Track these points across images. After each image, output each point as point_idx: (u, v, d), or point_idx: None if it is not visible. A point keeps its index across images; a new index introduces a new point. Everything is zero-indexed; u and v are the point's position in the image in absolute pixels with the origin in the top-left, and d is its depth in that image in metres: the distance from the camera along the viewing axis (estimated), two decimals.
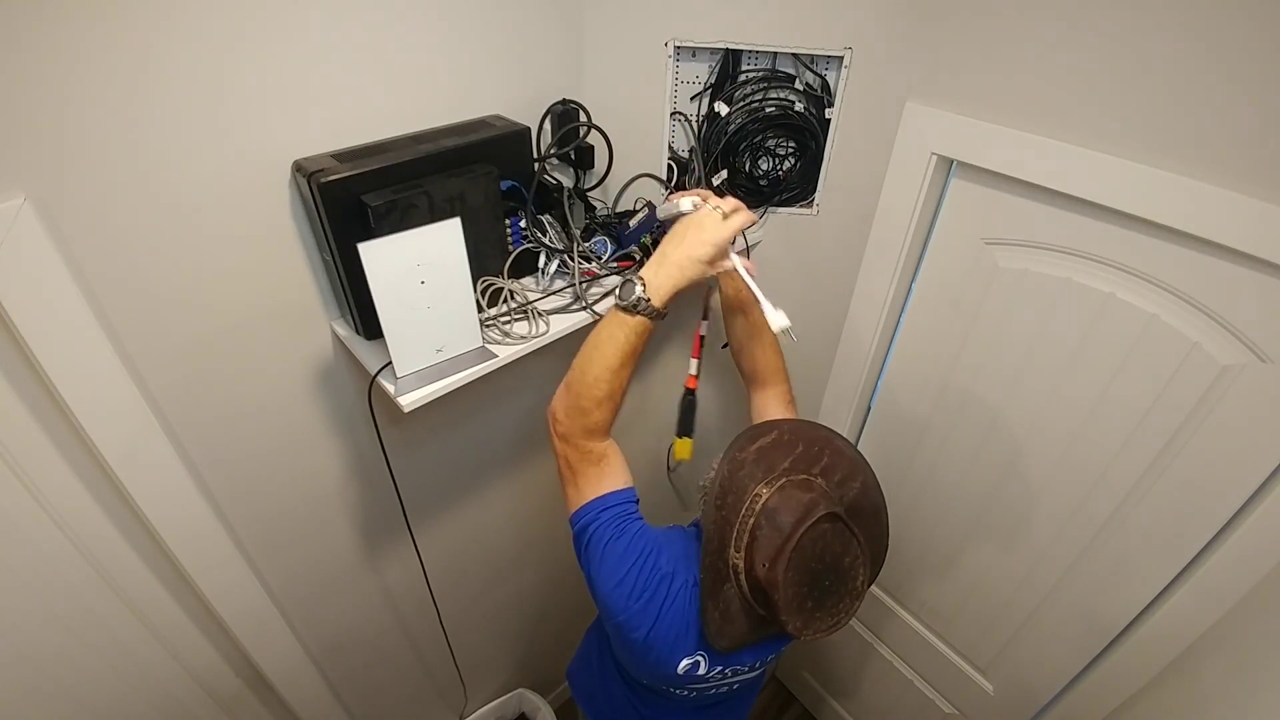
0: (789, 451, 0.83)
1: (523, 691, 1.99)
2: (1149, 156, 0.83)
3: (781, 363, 1.08)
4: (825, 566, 0.74)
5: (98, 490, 0.89)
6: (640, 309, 0.81)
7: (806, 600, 0.74)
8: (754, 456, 0.82)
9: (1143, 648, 1.15)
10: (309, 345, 1.00)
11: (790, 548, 0.73)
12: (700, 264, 0.83)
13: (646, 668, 0.90)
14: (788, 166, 1.19)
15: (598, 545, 0.84)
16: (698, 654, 0.87)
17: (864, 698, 1.98)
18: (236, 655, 1.22)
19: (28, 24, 0.62)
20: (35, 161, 0.67)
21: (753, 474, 0.81)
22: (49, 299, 0.72)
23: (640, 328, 0.82)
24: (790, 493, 0.78)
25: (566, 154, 1.07)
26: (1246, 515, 0.94)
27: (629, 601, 0.83)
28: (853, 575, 0.76)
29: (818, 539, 0.74)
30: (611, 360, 0.83)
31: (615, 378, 0.83)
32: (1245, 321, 0.86)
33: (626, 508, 0.87)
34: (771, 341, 1.06)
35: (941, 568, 1.46)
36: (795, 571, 0.73)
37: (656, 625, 0.84)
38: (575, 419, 0.85)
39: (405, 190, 0.83)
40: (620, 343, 0.82)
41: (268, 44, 0.76)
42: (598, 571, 0.84)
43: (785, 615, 0.74)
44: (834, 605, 0.76)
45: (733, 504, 0.80)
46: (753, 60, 1.10)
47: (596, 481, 0.87)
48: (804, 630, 0.75)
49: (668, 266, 0.82)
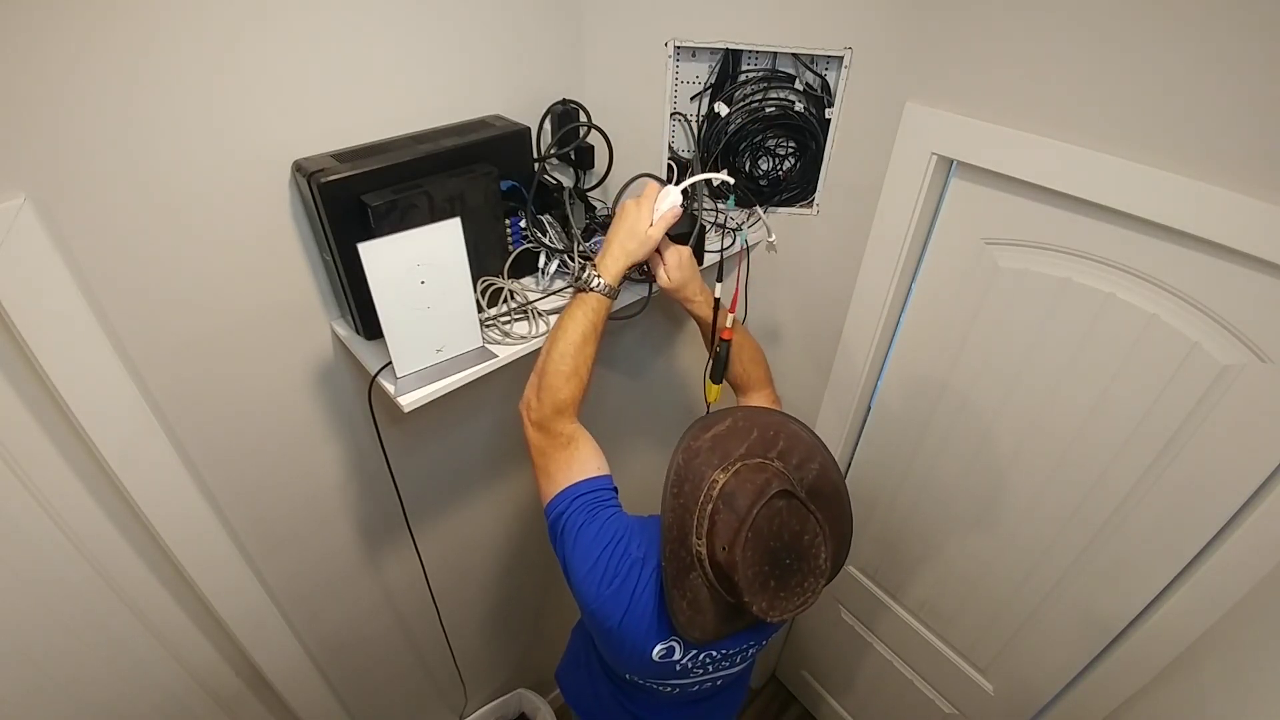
0: (744, 438, 0.83)
1: (523, 691, 1.99)
2: (1149, 156, 0.83)
3: (763, 373, 1.13)
4: (784, 544, 0.74)
5: (98, 490, 0.89)
6: (596, 287, 0.90)
7: (769, 580, 0.74)
8: (709, 444, 0.83)
9: (1143, 648, 1.15)
10: (309, 345, 1.00)
11: (746, 527, 0.73)
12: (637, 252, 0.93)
13: (623, 657, 0.90)
14: (788, 166, 1.19)
15: (571, 531, 0.85)
16: (671, 639, 0.88)
17: (864, 697, 1.98)
18: (236, 655, 1.22)
19: (27, 24, 0.62)
20: (35, 161, 0.68)
21: (709, 461, 0.81)
22: (49, 299, 0.72)
23: (598, 304, 0.91)
24: (746, 476, 0.78)
25: (566, 154, 1.07)
26: (1246, 515, 0.94)
27: (601, 588, 0.84)
28: (814, 553, 0.76)
29: (773, 517, 0.74)
30: (575, 336, 0.89)
31: (580, 353, 0.89)
32: (1245, 321, 0.86)
33: (600, 495, 0.87)
34: (750, 356, 1.10)
35: (942, 567, 1.46)
36: (753, 551, 0.73)
37: (629, 611, 0.84)
38: (546, 398, 0.88)
39: (405, 190, 0.83)
40: (580, 320, 0.89)
41: (268, 44, 0.76)
42: (571, 557, 0.85)
43: (749, 596, 0.73)
44: (798, 584, 0.75)
45: (690, 492, 0.80)
46: (753, 60, 1.10)
47: (567, 468, 0.88)
48: (770, 611, 0.74)
49: (612, 251, 0.92)
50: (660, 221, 0.92)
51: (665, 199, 0.93)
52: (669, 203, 0.93)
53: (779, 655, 2.24)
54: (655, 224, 0.92)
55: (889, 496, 1.49)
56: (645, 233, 0.92)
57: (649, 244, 0.92)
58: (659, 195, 0.93)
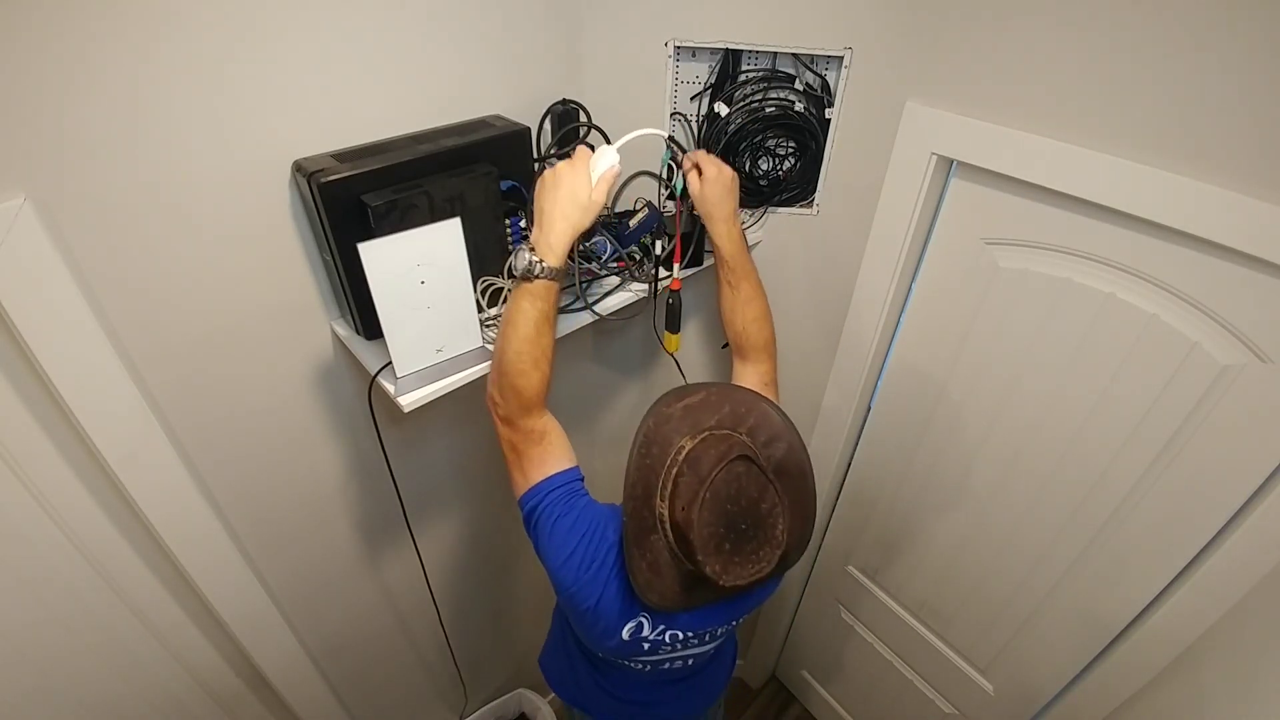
0: (716, 410, 0.83)
1: (523, 691, 1.99)
2: (1149, 156, 0.83)
3: (767, 339, 1.05)
4: (741, 509, 0.75)
5: (98, 490, 0.89)
6: (540, 273, 0.82)
7: (724, 543, 0.74)
8: (680, 413, 0.83)
9: (1143, 648, 1.15)
10: (309, 345, 1.00)
11: (705, 488, 0.73)
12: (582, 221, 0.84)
13: (596, 634, 0.92)
14: (788, 166, 1.19)
15: (546, 523, 0.87)
16: (640, 615, 0.90)
17: (863, 697, 1.98)
18: (236, 655, 1.22)
19: (28, 24, 0.62)
20: (35, 161, 0.67)
21: (679, 428, 0.82)
22: (49, 299, 0.72)
23: (545, 291, 0.84)
24: (711, 443, 0.78)
25: (566, 154, 1.06)
26: (1246, 515, 0.94)
27: (579, 573, 0.86)
28: (771, 523, 0.76)
29: (731, 480, 0.75)
30: (527, 330, 0.84)
31: (535, 346, 0.84)
32: (1245, 321, 0.86)
33: (572, 486, 0.89)
34: (755, 314, 1.04)
35: (942, 567, 1.46)
36: (710, 512, 0.74)
37: (605, 592, 0.86)
38: (510, 397, 0.86)
39: (405, 190, 0.83)
40: (529, 313, 0.83)
41: (268, 44, 0.76)
42: (547, 547, 0.87)
43: (702, 556, 0.74)
44: (753, 551, 0.75)
45: (658, 454, 0.80)
46: (753, 60, 1.10)
47: (540, 463, 0.89)
48: (724, 574, 0.74)
49: (552, 225, 0.83)
50: (601, 183, 0.84)
51: (603, 158, 0.85)
52: (606, 162, 0.84)
53: (779, 655, 2.24)
54: (596, 185, 0.84)
55: (889, 496, 1.49)
56: (589, 198, 0.84)
57: (594, 210, 0.84)
58: (595, 155, 0.86)
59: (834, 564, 1.78)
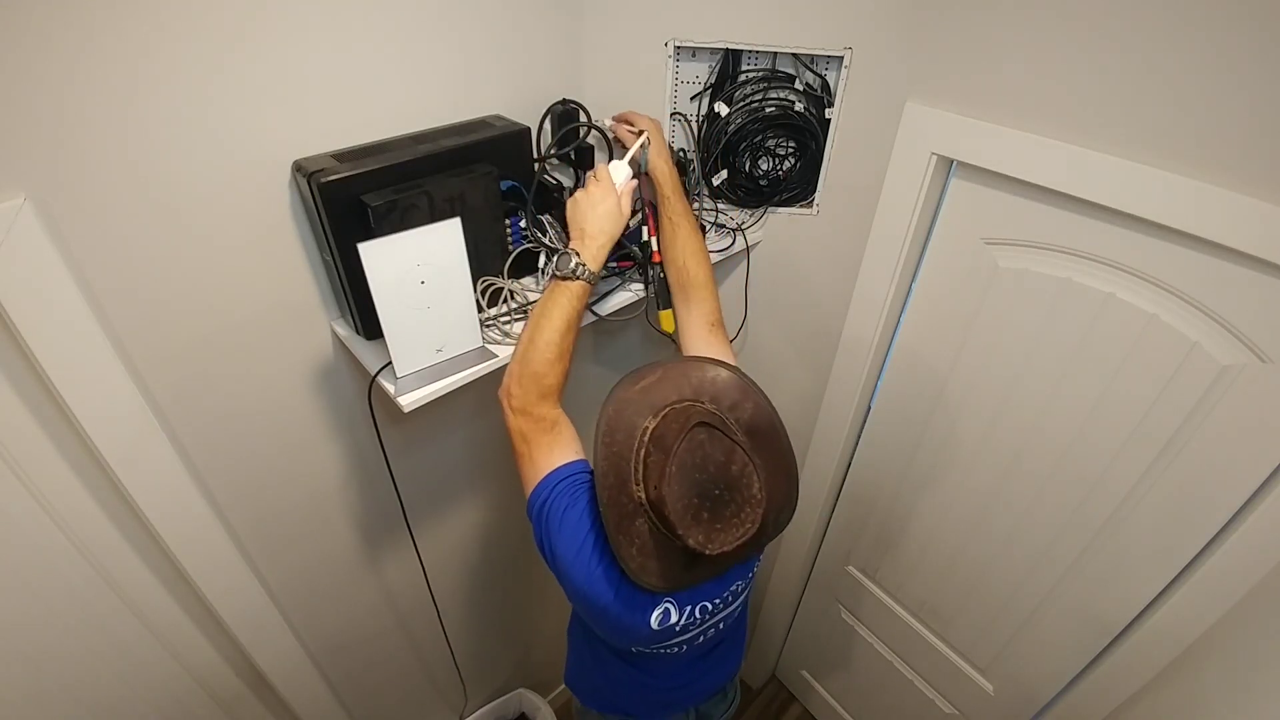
0: (675, 386, 0.84)
1: (523, 691, 1.99)
2: (1149, 157, 0.83)
3: (708, 276, 1.05)
4: (711, 476, 0.74)
5: (98, 490, 0.89)
6: (581, 275, 0.91)
7: (701, 512, 0.74)
8: (638, 395, 0.83)
9: (1143, 648, 1.15)
10: (309, 345, 1.00)
11: (671, 462, 0.73)
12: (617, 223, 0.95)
13: (622, 631, 0.90)
14: (788, 166, 1.19)
15: (555, 515, 0.85)
16: (665, 602, 0.88)
17: (864, 697, 1.98)
18: (236, 655, 1.22)
19: (28, 24, 0.62)
20: (35, 161, 0.68)
21: (640, 410, 0.82)
22: (49, 299, 0.72)
23: (582, 291, 0.91)
24: (673, 416, 0.79)
25: (566, 154, 1.07)
26: (1246, 515, 0.94)
27: (591, 566, 0.84)
28: (746, 482, 0.75)
29: (695, 449, 0.74)
30: (560, 324, 0.89)
31: (564, 340, 0.89)
32: (1245, 321, 0.86)
33: (580, 478, 0.88)
34: (695, 250, 1.05)
35: (942, 567, 1.46)
36: (680, 485, 0.73)
37: (623, 582, 0.84)
38: (529, 386, 0.88)
39: (405, 190, 0.83)
40: (565, 309, 0.89)
41: (268, 44, 0.76)
42: (558, 541, 0.85)
43: (681, 529, 0.73)
44: (734, 514, 0.75)
45: (624, 440, 0.80)
46: (753, 60, 1.10)
47: (549, 452, 0.88)
48: (708, 543, 0.73)
49: (595, 238, 0.93)
50: (625, 198, 0.96)
51: (618, 174, 0.96)
52: (622, 177, 0.96)
53: (779, 655, 2.24)
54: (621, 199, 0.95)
55: (889, 496, 1.49)
56: (619, 211, 0.95)
57: (624, 221, 0.96)
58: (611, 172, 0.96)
59: (834, 564, 1.78)
